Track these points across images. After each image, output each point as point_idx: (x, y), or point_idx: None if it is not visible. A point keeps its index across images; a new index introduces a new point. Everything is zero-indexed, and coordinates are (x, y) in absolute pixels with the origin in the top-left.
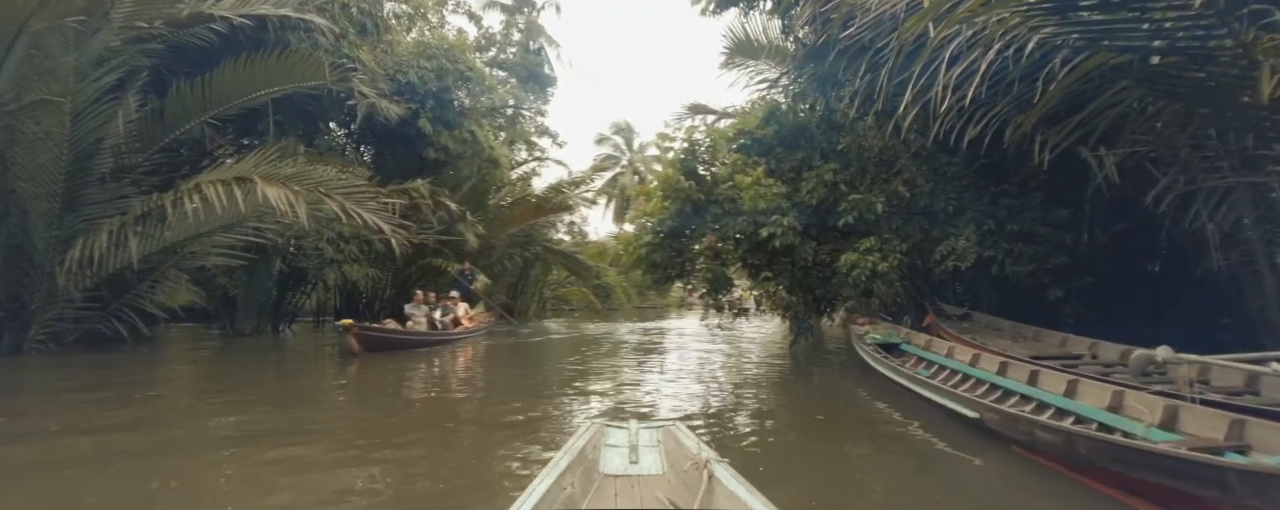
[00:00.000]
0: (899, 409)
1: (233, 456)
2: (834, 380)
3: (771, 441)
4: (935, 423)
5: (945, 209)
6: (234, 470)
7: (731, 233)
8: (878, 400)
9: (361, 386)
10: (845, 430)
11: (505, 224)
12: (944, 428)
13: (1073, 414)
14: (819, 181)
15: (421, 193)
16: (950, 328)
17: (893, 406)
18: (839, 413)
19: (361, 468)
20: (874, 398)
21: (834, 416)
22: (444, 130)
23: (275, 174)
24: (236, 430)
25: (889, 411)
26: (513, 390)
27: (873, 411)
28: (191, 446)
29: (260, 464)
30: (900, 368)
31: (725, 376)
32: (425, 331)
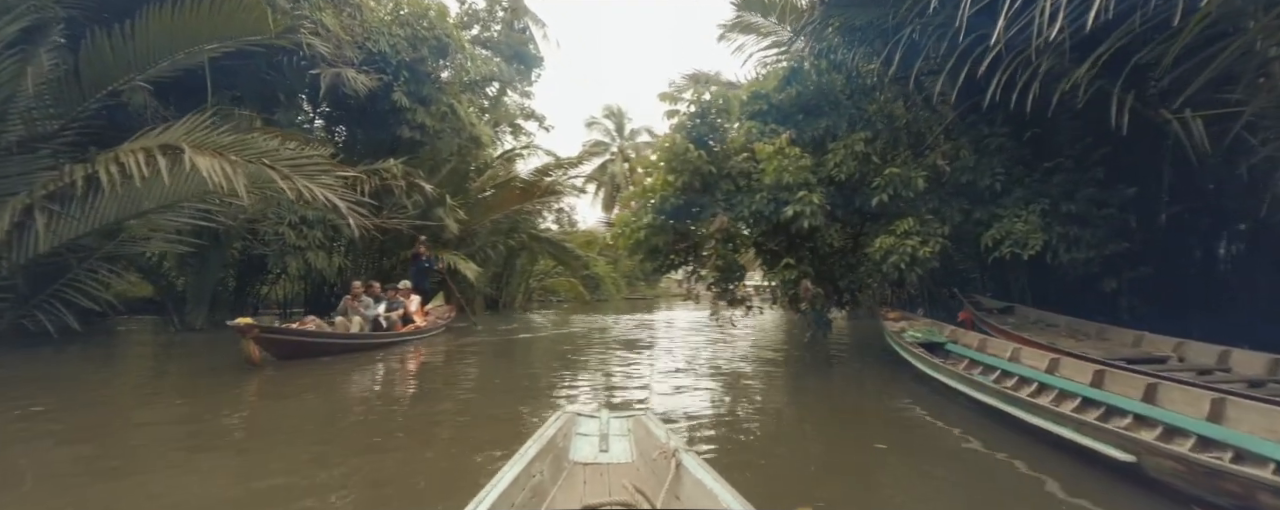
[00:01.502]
0: (977, 434)
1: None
2: (870, 387)
3: (847, 482)
4: (1029, 450)
5: (991, 186)
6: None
7: (747, 212)
8: (940, 417)
9: (255, 413)
10: (923, 460)
11: (488, 209)
12: (1050, 461)
13: (1234, 448)
14: (848, 153)
15: (394, 173)
16: (993, 323)
17: (965, 428)
18: (905, 439)
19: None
20: (935, 416)
21: (901, 443)
22: (420, 106)
23: (209, 142)
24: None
25: (964, 435)
26: (459, 423)
27: (948, 437)
28: None
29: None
30: (969, 378)
31: (754, 388)
32: (359, 333)
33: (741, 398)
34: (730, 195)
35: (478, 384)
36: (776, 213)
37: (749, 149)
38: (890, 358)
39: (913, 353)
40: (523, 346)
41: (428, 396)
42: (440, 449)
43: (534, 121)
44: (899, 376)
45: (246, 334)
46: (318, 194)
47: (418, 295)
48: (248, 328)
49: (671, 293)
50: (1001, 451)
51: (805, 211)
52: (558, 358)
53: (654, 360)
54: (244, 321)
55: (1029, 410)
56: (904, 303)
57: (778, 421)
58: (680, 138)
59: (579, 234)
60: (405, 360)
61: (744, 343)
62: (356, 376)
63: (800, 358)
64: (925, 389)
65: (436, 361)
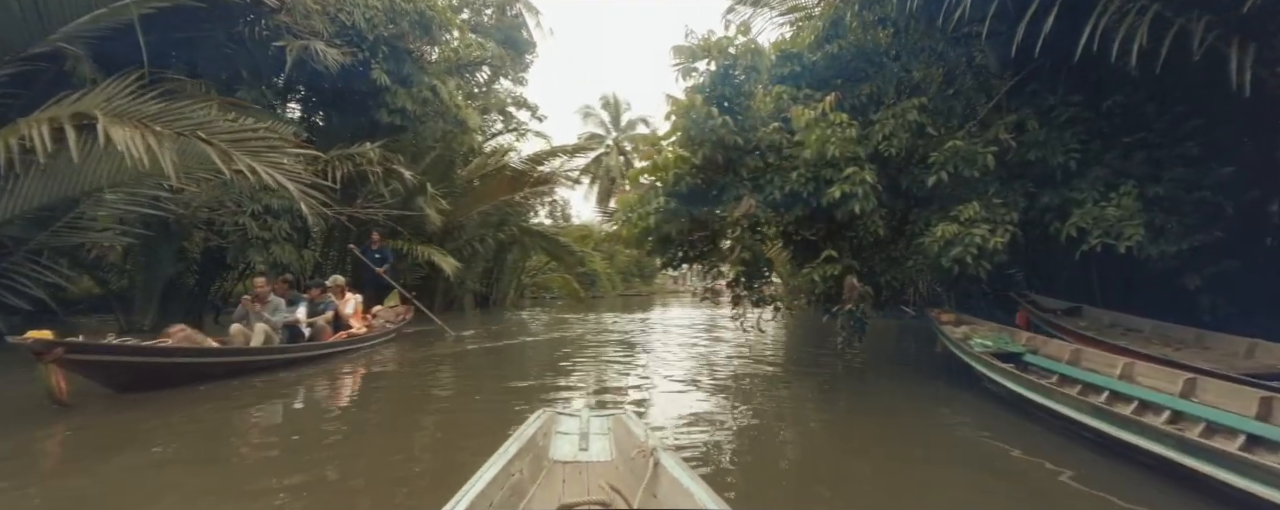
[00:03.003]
0: (1097, 476)
1: None
2: (928, 406)
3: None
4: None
5: (1065, 165)
6: None
7: (778, 195)
8: (1034, 449)
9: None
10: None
11: (476, 200)
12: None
13: None
14: (899, 124)
15: (369, 158)
16: (1066, 326)
17: (1072, 465)
18: (994, 480)
19: None
20: (1027, 446)
21: (995, 489)
22: (400, 88)
23: (131, 111)
24: None
25: (1081, 479)
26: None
27: (1049, 478)
28: None
29: None
30: (1079, 401)
31: (791, 407)
32: (263, 346)
33: (778, 423)
34: (758, 174)
35: (403, 433)
36: (817, 194)
37: (781, 118)
38: (942, 367)
39: (987, 365)
40: (494, 359)
41: (332, 457)
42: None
43: (526, 111)
44: (958, 391)
45: (44, 356)
46: (262, 173)
47: (357, 295)
48: (44, 345)
49: (667, 289)
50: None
51: (857, 193)
52: (538, 376)
53: (663, 370)
54: (37, 336)
55: (1175, 446)
56: (930, 301)
57: (831, 454)
58: (700, 101)
59: (573, 228)
60: (331, 381)
61: (762, 348)
62: (237, 417)
63: (832, 367)
64: (997, 407)
65: (372, 385)
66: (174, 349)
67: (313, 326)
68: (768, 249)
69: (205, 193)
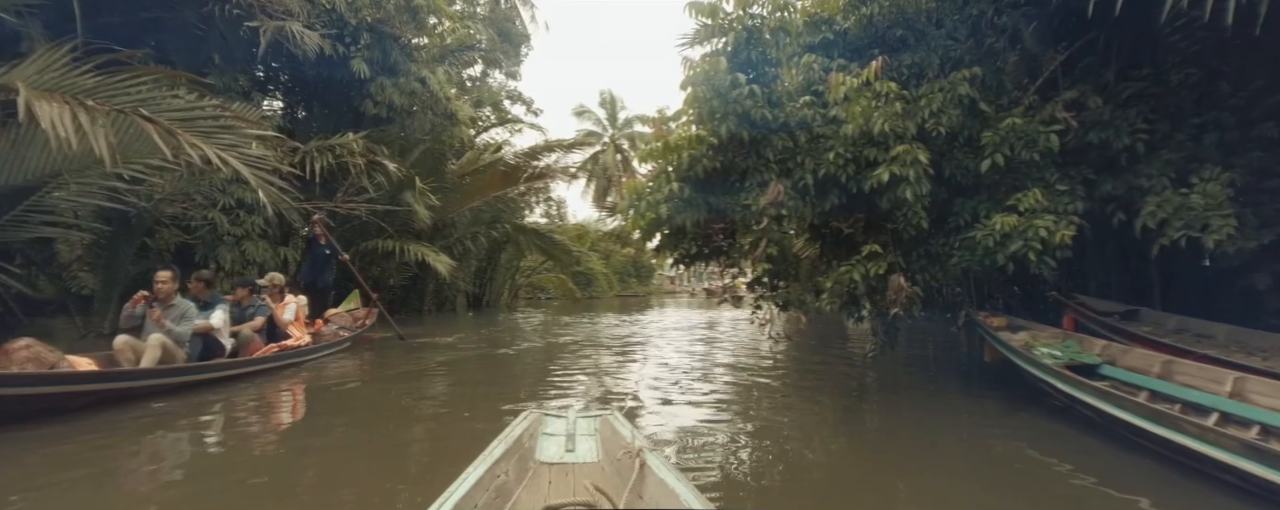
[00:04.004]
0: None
1: None
2: (993, 428)
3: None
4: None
5: (1132, 147)
6: None
7: (810, 179)
8: (1140, 485)
9: None
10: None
11: (467, 196)
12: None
13: None
14: (947, 99)
15: (351, 149)
16: (1131, 330)
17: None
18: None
19: None
20: (1127, 481)
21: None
22: (385, 78)
23: (64, 85)
24: None
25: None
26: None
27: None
28: None
29: None
30: (1193, 424)
31: (832, 429)
32: (155, 367)
33: (804, 447)
34: (786, 156)
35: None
36: (857, 178)
37: (811, 91)
38: (992, 379)
39: (1063, 379)
40: (469, 374)
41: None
42: None
43: (521, 105)
44: (1013, 407)
45: None
46: (212, 156)
47: (302, 296)
48: None
49: (664, 290)
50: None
51: (908, 176)
52: (528, 393)
53: (670, 380)
54: None
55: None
56: (955, 302)
57: (868, 488)
58: (723, 65)
59: (570, 227)
60: (259, 407)
61: (775, 356)
62: (108, 460)
63: (859, 377)
64: (1063, 426)
65: (314, 414)
66: (8, 377)
67: (237, 337)
68: (797, 244)
69: (170, 184)
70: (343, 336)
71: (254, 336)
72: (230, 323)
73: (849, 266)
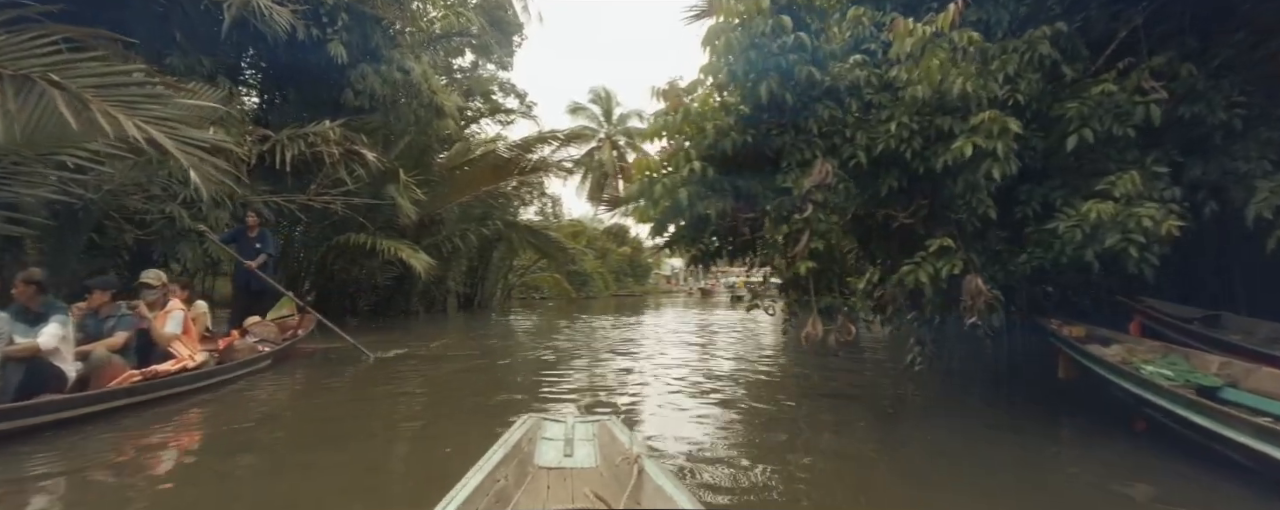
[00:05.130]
0: None
1: None
2: (1075, 468)
3: None
4: None
5: (1228, 123)
6: None
7: (863, 157)
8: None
9: None
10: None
11: (456, 191)
12: None
13: None
14: (1025, 61)
15: (326, 138)
16: (1219, 338)
17: None
18: None
19: None
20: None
21: None
22: (367, 65)
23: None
24: None
25: None
26: None
27: None
28: None
29: None
30: None
31: (872, 460)
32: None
33: (836, 482)
34: (833, 128)
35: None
36: (925, 154)
37: (864, 50)
38: (1063, 398)
39: (1196, 407)
40: (433, 408)
41: None
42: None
43: (514, 97)
44: (1108, 434)
45: None
46: (132, 128)
47: (201, 303)
48: None
49: (660, 290)
50: None
51: (996, 150)
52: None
53: (684, 395)
54: None
55: None
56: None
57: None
58: (764, 4)
59: (565, 225)
60: (115, 463)
61: (803, 369)
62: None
63: (898, 393)
64: (1168, 460)
65: (187, 474)
66: None
67: (92, 361)
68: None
69: (122, 173)
70: (261, 352)
71: (112, 359)
72: (73, 340)
73: (913, 265)
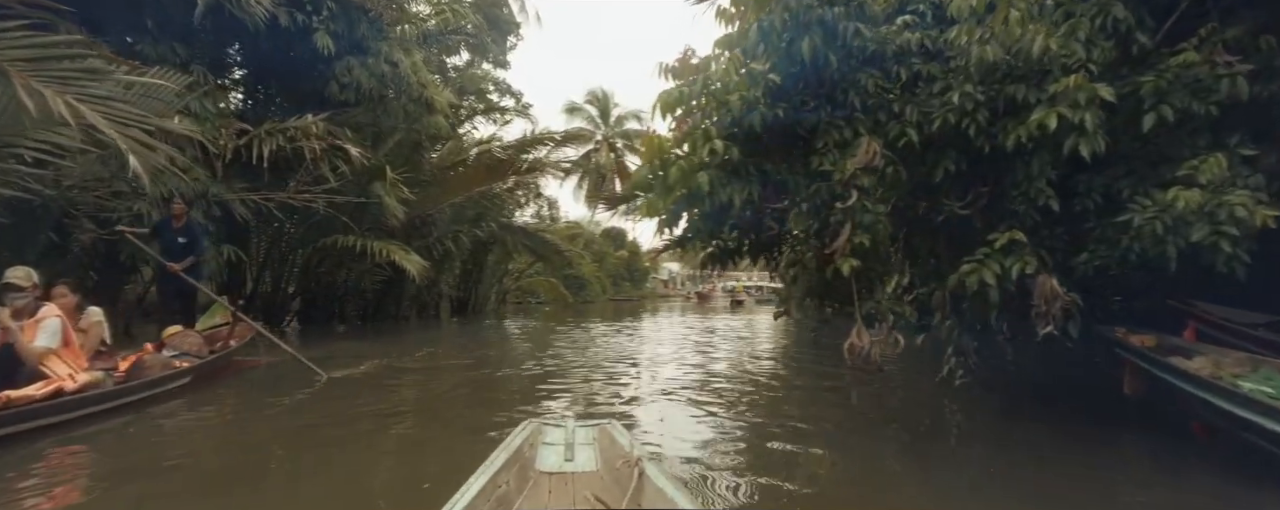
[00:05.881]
0: None
1: None
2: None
3: None
4: None
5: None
6: None
7: (913, 136)
8: None
9: None
10: None
11: (448, 191)
12: None
13: None
14: (1095, 27)
15: (308, 132)
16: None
17: None
18: None
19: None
20: None
21: None
22: (353, 58)
23: None
24: None
25: None
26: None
27: None
28: None
29: None
30: None
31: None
32: None
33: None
34: (878, 102)
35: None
36: (992, 130)
37: (912, 10)
38: (1129, 418)
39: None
40: (393, 461)
41: None
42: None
43: (511, 97)
44: (1181, 454)
45: None
46: (59, 106)
47: (95, 309)
48: None
49: (658, 294)
50: None
51: (1083, 123)
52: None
53: (698, 412)
54: None
55: None
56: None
57: None
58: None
59: (562, 228)
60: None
61: (818, 379)
62: None
63: (941, 414)
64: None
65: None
66: None
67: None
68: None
69: (85, 167)
70: (176, 368)
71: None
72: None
73: (975, 264)
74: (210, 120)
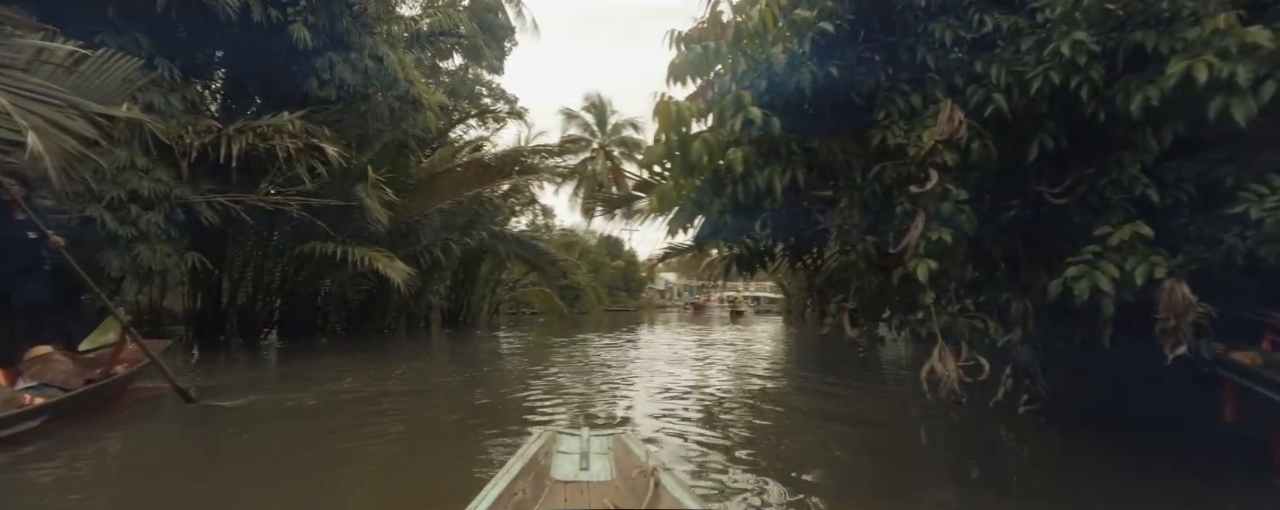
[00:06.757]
0: None
1: None
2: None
3: None
4: None
5: None
6: None
7: (1000, 100)
8: None
9: None
10: None
11: (437, 196)
12: None
13: None
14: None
15: (281, 130)
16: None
17: None
18: None
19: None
20: None
21: None
22: (334, 53)
23: None
24: None
25: None
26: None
27: None
28: None
29: None
30: None
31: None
32: None
33: None
34: (953, 62)
35: None
36: (1109, 93)
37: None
38: (1224, 450)
39: None
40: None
41: None
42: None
43: (504, 103)
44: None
45: None
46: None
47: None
48: None
49: (654, 305)
50: None
51: (1234, 77)
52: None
53: (727, 450)
54: None
55: None
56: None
57: None
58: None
59: (556, 236)
60: None
61: (852, 407)
62: None
63: (997, 449)
64: None
65: None
66: None
67: None
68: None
69: (26, 165)
70: (24, 406)
71: None
72: None
73: (1084, 267)
74: (176, 117)
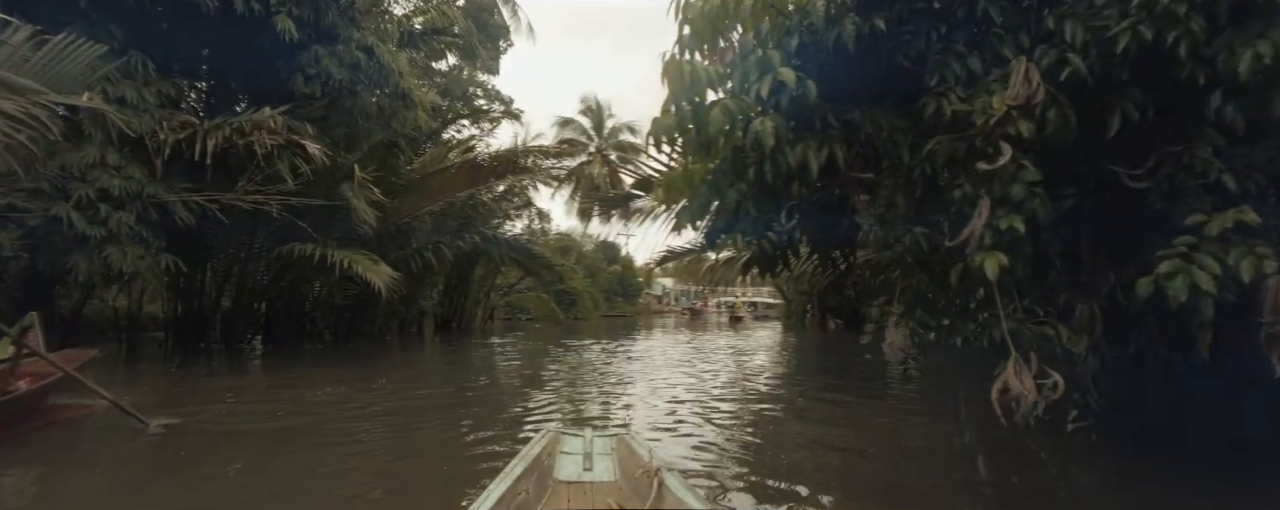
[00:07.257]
0: None
1: None
2: None
3: None
4: None
5: None
6: None
7: (1080, 62)
8: None
9: None
10: None
11: (428, 197)
12: None
13: None
14: None
15: (259, 126)
16: None
17: None
18: None
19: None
20: None
21: None
22: (321, 48)
23: None
24: None
25: None
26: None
27: None
28: None
29: None
30: None
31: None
32: None
33: None
34: (1017, 20)
35: None
36: (1207, 53)
37: None
38: None
39: None
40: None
41: None
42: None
43: (499, 104)
44: None
45: None
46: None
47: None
48: None
49: (651, 310)
50: None
51: None
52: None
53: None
54: None
55: None
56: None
57: None
58: None
59: (552, 240)
60: None
61: (885, 423)
62: None
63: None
64: None
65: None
66: None
67: None
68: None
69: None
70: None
71: None
72: None
73: (1177, 262)
74: (149, 112)
